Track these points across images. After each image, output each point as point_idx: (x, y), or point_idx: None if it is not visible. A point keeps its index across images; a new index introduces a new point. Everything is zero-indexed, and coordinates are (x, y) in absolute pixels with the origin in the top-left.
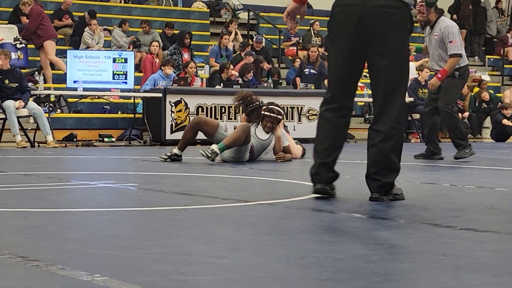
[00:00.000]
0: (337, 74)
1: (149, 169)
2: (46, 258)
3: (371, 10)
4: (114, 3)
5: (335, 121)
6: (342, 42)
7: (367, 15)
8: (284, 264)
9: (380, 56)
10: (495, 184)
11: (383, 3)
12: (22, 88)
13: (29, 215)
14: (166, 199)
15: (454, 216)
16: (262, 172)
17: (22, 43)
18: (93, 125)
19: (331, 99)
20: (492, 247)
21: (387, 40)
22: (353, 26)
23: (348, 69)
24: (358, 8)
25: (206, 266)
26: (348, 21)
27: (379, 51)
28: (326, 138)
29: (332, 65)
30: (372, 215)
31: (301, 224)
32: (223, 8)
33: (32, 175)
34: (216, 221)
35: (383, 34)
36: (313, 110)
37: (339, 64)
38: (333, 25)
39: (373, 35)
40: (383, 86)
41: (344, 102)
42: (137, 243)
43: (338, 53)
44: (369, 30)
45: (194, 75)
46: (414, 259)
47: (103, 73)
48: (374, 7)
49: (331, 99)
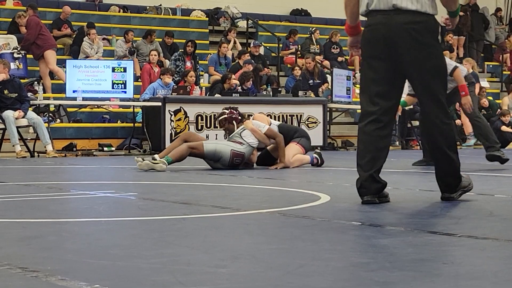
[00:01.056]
0: (372, 89)
1: (148, 179)
2: (45, 268)
3: (395, 28)
4: (113, 12)
5: (375, 134)
6: (374, 60)
7: (392, 33)
8: (284, 273)
9: (416, 70)
10: (494, 191)
11: (406, 19)
12: (21, 98)
13: (29, 226)
14: (166, 208)
15: (454, 224)
16: (261, 181)
17: (20, 53)
18: (93, 134)
19: (370, 113)
20: (492, 254)
21: (418, 54)
22: (381, 45)
23: (381, 84)
24: (383, 27)
25: (206, 276)
26: (375, 40)
27: (413, 65)
28: (368, 151)
29: (367, 81)
30: (372, 223)
31: (301, 232)
32: (222, 16)
33: (31, 185)
34: (215, 230)
35: (413, 49)
36: (313, 118)
37: (372, 80)
38: (363, 44)
39: (403, 51)
40: (427, 94)
41: (382, 115)
42: (137, 252)
43: (370, 70)
44: (398, 47)
45: (193, 84)
46: (414, 267)
47: (102, 82)
48: (397, 24)
49: (370, 113)
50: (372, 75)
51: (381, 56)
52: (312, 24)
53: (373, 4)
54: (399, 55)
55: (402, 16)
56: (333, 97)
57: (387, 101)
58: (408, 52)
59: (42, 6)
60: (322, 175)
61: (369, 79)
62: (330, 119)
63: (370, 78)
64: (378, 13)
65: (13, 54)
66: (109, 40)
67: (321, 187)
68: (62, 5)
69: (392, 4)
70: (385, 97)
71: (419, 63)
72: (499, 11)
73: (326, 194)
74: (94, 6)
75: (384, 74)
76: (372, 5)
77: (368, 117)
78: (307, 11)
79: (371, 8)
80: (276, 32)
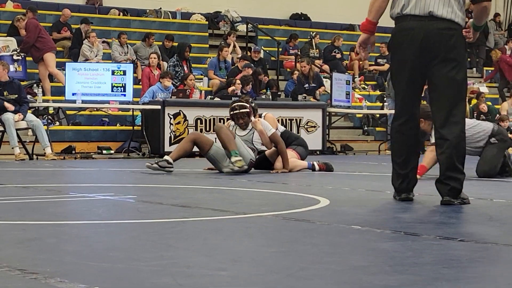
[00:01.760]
0: (405, 92)
1: (147, 182)
2: (44, 270)
3: (433, 33)
4: (113, 15)
5: (408, 133)
6: (406, 63)
7: (429, 37)
8: (284, 276)
9: (442, 74)
10: (493, 195)
11: (442, 26)
12: (20, 100)
13: (28, 228)
14: (165, 211)
15: (454, 228)
16: (261, 184)
17: (20, 55)
18: (92, 137)
19: (403, 114)
20: (492, 258)
21: (448, 59)
22: (417, 48)
23: (413, 87)
24: (421, 31)
25: (206, 279)
26: (412, 43)
27: (441, 69)
28: (403, 150)
29: (399, 83)
30: (372, 226)
31: (301, 236)
32: (222, 20)
33: (30, 188)
34: (215, 233)
35: (444, 54)
36: (312, 122)
37: (405, 82)
38: (396, 47)
39: (435, 55)
40: (447, 100)
41: (413, 115)
42: (136, 255)
43: (404, 72)
44: (432, 50)
45: (193, 88)
46: (414, 271)
47: (102, 85)
48: (434, 29)
49: (403, 114)
50: (404, 78)
51: (414, 59)
52: (312, 29)
53: (409, 8)
54: (429, 58)
55: (437, 22)
56: (333, 101)
57: (416, 103)
58: (443, 55)
59: (41, 8)
60: (322, 179)
61: (401, 82)
62: (329, 123)
63: (402, 81)
64: (413, 18)
65: (13, 56)
66: (109, 43)
67: (320, 191)
68: (62, 7)
69: (429, 11)
70: (415, 99)
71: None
72: (497, 16)
73: (325, 198)
74: (94, 9)
75: (415, 77)
76: (407, 8)
77: (401, 118)
78: (307, 15)
79: (405, 12)
80: (275, 36)
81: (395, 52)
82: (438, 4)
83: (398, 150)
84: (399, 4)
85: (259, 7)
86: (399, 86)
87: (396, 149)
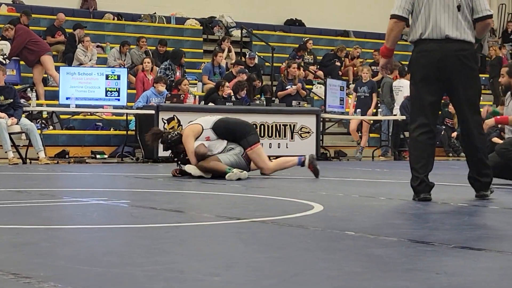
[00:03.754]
0: (425, 105)
1: (141, 186)
2: (38, 275)
3: (448, 54)
4: (107, 20)
5: (427, 142)
6: (425, 80)
7: (445, 58)
8: (278, 282)
9: (463, 89)
10: (488, 202)
11: (457, 47)
12: (15, 105)
13: (21, 232)
14: (159, 216)
15: (447, 234)
16: (255, 190)
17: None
18: (86, 141)
19: (423, 125)
20: (485, 265)
21: (462, 76)
22: (434, 67)
23: (432, 100)
24: (438, 53)
25: (200, 284)
26: (430, 63)
27: (456, 85)
28: (422, 157)
29: (420, 98)
30: (365, 232)
31: (295, 241)
32: (216, 25)
33: (24, 192)
34: (209, 238)
35: (459, 72)
36: (306, 128)
37: (424, 97)
38: (415, 67)
39: (451, 73)
40: (470, 110)
41: (432, 126)
42: (130, 260)
43: (422, 88)
44: (448, 69)
45: (187, 93)
46: (408, 277)
47: (96, 90)
48: (450, 51)
49: (423, 125)
50: (424, 93)
51: (432, 77)
52: (306, 34)
53: (426, 33)
54: (449, 77)
55: (453, 44)
56: (327, 107)
57: (435, 115)
58: (458, 74)
59: (36, 13)
60: (315, 184)
61: (421, 97)
62: (323, 129)
63: (422, 96)
64: (431, 42)
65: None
66: (103, 47)
67: (314, 196)
68: (57, 12)
69: (445, 34)
70: (434, 111)
71: (466, 84)
72: None
73: (319, 203)
74: (89, 13)
75: (434, 92)
76: (425, 34)
77: (422, 129)
78: (301, 21)
79: (424, 37)
80: (270, 42)
81: (415, 71)
82: (452, 28)
83: (417, 156)
84: (416, 32)
85: (253, 12)
86: (419, 100)
87: (415, 156)
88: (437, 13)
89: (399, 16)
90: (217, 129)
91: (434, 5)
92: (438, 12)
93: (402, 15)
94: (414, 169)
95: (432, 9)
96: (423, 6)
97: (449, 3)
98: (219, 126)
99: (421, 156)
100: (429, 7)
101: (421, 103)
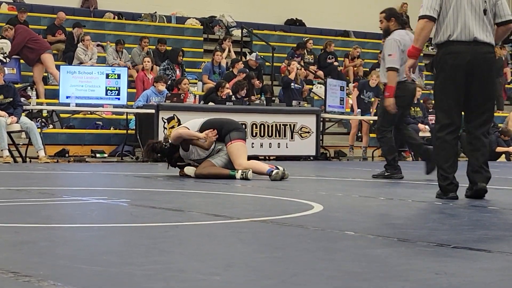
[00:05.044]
0: (451, 106)
1: (141, 185)
2: (37, 273)
3: (477, 56)
4: (108, 19)
5: (454, 142)
6: (452, 81)
7: (474, 60)
8: (278, 282)
9: (482, 89)
10: (487, 203)
11: (485, 50)
12: (14, 103)
13: (21, 231)
14: (158, 215)
15: (447, 234)
16: (255, 189)
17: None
18: (85, 140)
19: (449, 125)
20: (485, 265)
21: (487, 77)
22: (462, 69)
23: (458, 101)
24: (467, 55)
25: (199, 283)
26: (458, 65)
27: (481, 86)
28: (449, 156)
29: (446, 99)
30: (365, 232)
31: (294, 241)
32: (217, 25)
33: (23, 191)
34: (208, 238)
35: (485, 73)
36: (306, 128)
37: (452, 98)
38: (443, 67)
39: (477, 75)
40: (482, 110)
41: (458, 125)
42: (130, 259)
43: (449, 89)
44: (475, 71)
45: (187, 92)
46: (407, 277)
47: (96, 88)
48: (479, 53)
49: (449, 125)
50: (450, 94)
51: (459, 78)
52: (306, 34)
53: (455, 35)
54: (474, 78)
55: (480, 47)
56: (327, 107)
57: (460, 115)
58: (484, 75)
59: (36, 11)
60: (315, 184)
61: (447, 98)
62: (323, 129)
63: (448, 97)
64: (459, 43)
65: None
66: (104, 46)
67: (314, 196)
68: (57, 10)
69: (474, 37)
70: (459, 112)
71: (487, 85)
72: None
73: (319, 203)
74: (89, 12)
75: (459, 93)
76: (453, 36)
77: (448, 129)
78: (302, 21)
79: (452, 39)
80: (270, 42)
81: (441, 71)
82: (480, 31)
83: (444, 156)
84: (444, 33)
85: (254, 12)
86: (446, 101)
87: (443, 156)
88: (466, 15)
89: (429, 17)
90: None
91: (462, 7)
92: (467, 15)
93: (432, 15)
94: (442, 168)
95: (461, 11)
96: (451, 9)
97: (476, 6)
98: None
99: (448, 156)
100: (457, 9)
101: (447, 103)
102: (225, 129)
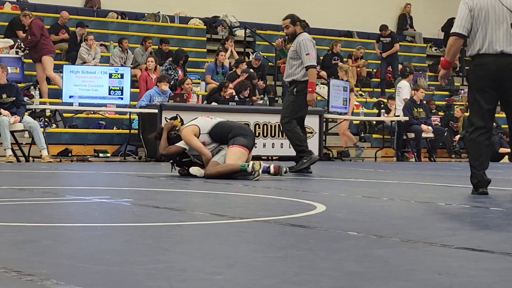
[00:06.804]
0: (484, 111)
1: (144, 185)
2: (40, 272)
3: (503, 66)
4: (111, 18)
5: (485, 143)
6: (482, 89)
7: (500, 70)
8: (280, 281)
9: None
10: (489, 203)
11: (510, 61)
12: (17, 103)
13: (24, 230)
14: (161, 215)
15: (449, 235)
16: (257, 189)
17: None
18: (88, 140)
19: (480, 128)
20: (487, 266)
21: None
22: (490, 79)
23: (489, 107)
24: (493, 66)
25: (201, 283)
26: (486, 75)
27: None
28: (479, 156)
29: (479, 105)
30: (367, 233)
31: (296, 241)
32: (220, 25)
33: (26, 190)
34: (211, 238)
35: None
36: (309, 128)
37: (482, 104)
38: (474, 78)
39: (506, 83)
40: None
41: (489, 128)
42: (132, 258)
43: (479, 96)
44: (502, 80)
45: (190, 92)
46: (409, 277)
47: (99, 88)
48: (505, 64)
49: (480, 127)
50: (481, 101)
51: (488, 87)
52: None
53: (483, 49)
54: (504, 87)
55: (506, 58)
56: (330, 107)
57: (491, 119)
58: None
59: (40, 11)
60: (318, 185)
61: (479, 104)
62: (326, 129)
63: (480, 103)
64: (488, 56)
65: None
66: (107, 46)
67: (316, 196)
68: (60, 10)
69: (500, 50)
70: (490, 116)
71: None
72: None
73: (321, 203)
74: (92, 11)
75: (490, 100)
76: (482, 50)
77: (480, 131)
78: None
79: (481, 52)
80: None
81: (473, 81)
82: (506, 44)
83: (475, 155)
84: (474, 47)
85: (257, 12)
86: (479, 107)
87: (474, 155)
88: (493, 31)
89: (460, 34)
90: (214, 134)
91: (490, 24)
92: (494, 30)
93: (462, 33)
94: (473, 166)
95: (489, 28)
96: (480, 25)
97: (503, 21)
98: (216, 132)
99: (479, 155)
100: (485, 26)
101: (480, 109)
102: (233, 133)
